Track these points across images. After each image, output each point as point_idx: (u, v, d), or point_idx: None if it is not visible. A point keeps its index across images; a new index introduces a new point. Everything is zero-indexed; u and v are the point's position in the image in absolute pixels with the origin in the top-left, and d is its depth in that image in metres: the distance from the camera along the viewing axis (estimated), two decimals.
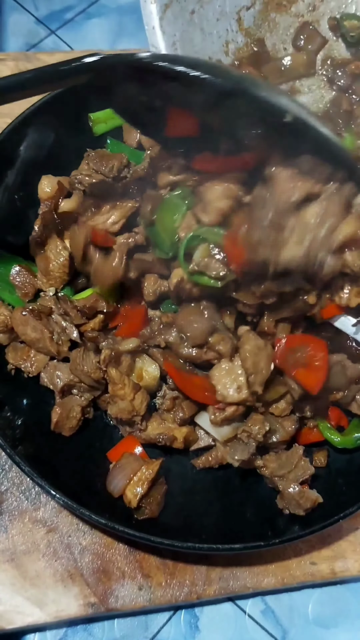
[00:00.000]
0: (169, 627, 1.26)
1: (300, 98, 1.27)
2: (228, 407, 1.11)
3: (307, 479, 1.16)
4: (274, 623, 1.28)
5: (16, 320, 1.18)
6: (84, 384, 1.17)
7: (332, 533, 1.26)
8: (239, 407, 1.12)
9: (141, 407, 1.14)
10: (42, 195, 1.28)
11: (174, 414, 1.18)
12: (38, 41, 1.84)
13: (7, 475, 1.23)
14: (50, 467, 1.12)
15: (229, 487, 1.21)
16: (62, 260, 1.22)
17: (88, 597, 1.17)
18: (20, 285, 1.23)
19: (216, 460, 1.20)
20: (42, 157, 1.34)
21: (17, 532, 1.19)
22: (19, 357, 1.20)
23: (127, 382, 1.12)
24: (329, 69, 1.28)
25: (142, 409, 1.15)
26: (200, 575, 1.20)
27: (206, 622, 1.27)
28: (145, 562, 1.20)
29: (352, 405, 1.23)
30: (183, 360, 1.15)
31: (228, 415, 1.12)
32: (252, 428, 1.13)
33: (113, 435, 1.22)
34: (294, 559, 1.24)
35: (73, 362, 1.16)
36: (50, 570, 1.17)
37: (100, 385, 1.18)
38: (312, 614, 1.30)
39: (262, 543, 1.10)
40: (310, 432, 1.22)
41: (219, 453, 1.20)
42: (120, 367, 1.15)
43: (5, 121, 1.31)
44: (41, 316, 1.18)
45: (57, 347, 1.19)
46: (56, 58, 1.61)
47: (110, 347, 1.15)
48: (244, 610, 1.28)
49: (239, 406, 1.11)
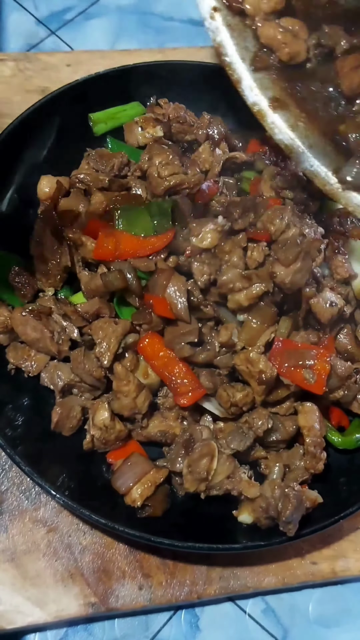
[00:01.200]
0: (170, 626, 1.26)
1: None
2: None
3: (307, 478, 1.16)
4: (275, 623, 1.28)
5: (16, 320, 1.18)
6: (85, 383, 1.17)
7: (332, 533, 1.26)
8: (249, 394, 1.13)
9: (143, 405, 1.14)
10: (42, 196, 1.28)
11: (176, 412, 1.18)
12: (38, 41, 1.84)
13: (7, 475, 1.23)
14: (50, 467, 1.12)
15: None
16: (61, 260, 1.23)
17: (88, 597, 1.17)
18: (19, 285, 1.23)
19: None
20: (42, 157, 1.35)
21: (17, 532, 1.19)
22: (20, 356, 1.20)
23: (132, 378, 1.13)
24: None
25: (144, 408, 1.15)
26: (200, 574, 1.20)
27: (207, 622, 1.27)
28: (145, 561, 1.20)
29: (352, 405, 1.23)
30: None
31: (239, 400, 1.12)
32: (255, 420, 1.13)
33: None
34: (294, 558, 1.24)
35: (74, 361, 1.17)
36: (51, 570, 1.17)
37: (101, 384, 1.18)
38: (313, 613, 1.29)
39: (262, 543, 1.10)
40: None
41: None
42: (123, 361, 1.15)
43: (5, 121, 1.31)
44: (41, 316, 1.18)
45: (58, 347, 1.19)
46: (56, 58, 1.62)
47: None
48: (244, 610, 1.28)
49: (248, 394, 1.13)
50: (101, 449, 1.17)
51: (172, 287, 1.10)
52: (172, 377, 1.13)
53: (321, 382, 1.10)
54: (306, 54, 0.97)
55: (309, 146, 0.94)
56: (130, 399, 1.13)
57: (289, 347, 1.12)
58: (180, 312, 1.10)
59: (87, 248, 1.19)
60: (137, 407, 1.14)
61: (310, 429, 1.13)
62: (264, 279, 1.09)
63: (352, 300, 1.26)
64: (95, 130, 1.39)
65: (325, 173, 0.92)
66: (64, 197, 1.28)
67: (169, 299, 1.10)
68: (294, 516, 1.05)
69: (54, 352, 1.19)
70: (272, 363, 1.10)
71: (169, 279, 1.10)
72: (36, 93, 1.53)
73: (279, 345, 1.12)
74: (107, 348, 1.13)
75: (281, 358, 1.11)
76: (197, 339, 1.13)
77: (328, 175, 0.92)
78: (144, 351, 1.15)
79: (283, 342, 1.12)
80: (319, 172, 0.93)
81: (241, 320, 1.14)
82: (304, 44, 0.97)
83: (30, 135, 1.32)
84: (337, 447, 1.21)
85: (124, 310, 1.20)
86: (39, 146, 1.34)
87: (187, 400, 1.12)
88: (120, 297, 1.19)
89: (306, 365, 1.10)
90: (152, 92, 1.42)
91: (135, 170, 1.29)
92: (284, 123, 0.95)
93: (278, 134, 0.94)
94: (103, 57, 1.62)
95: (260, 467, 1.20)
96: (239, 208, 1.13)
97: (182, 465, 1.10)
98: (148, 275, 1.15)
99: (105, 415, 1.13)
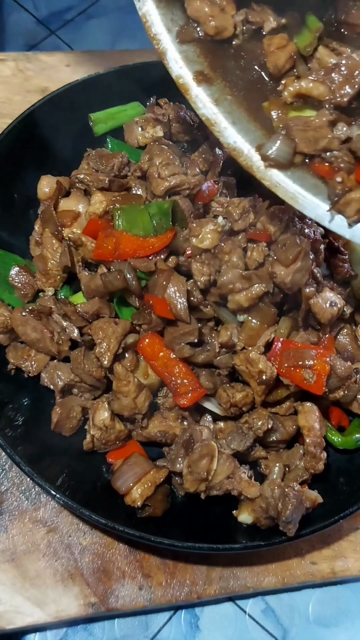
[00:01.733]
0: (169, 626, 1.26)
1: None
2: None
3: (307, 478, 1.16)
4: (275, 623, 1.28)
5: (16, 320, 1.18)
6: (85, 383, 1.17)
7: (332, 533, 1.26)
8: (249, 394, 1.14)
9: (143, 405, 1.14)
10: (42, 196, 1.28)
11: (176, 412, 1.18)
12: (38, 41, 1.84)
13: (7, 475, 1.23)
14: (50, 467, 1.12)
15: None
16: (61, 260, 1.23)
17: (88, 597, 1.17)
18: (19, 285, 1.23)
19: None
20: (42, 157, 1.34)
21: (17, 532, 1.19)
22: (20, 356, 1.20)
23: (131, 379, 1.13)
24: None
25: (144, 408, 1.15)
26: (200, 575, 1.20)
27: (206, 622, 1.27)
28: (145, 562, 1.20)
29: (352, 405, 1.23)
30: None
31: (238, 400, 1.13)
32: (254, 421, 1.14)
33: None
34: (294, 558, 1.24)
35: (74, 362, 1.17)
36: (51, 570, 1.17)
37: (101, 384, 1.18)
38: (313, 613, 1.30)
39: (262, 543, 1.10)
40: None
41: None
42: (123, 361, 1.15)
43: (5, 121, 1.31)
44: (41, 316, 1.18)
45: (58, 347, 1.19)
46: (56, 58, 1.62)
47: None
48: (244, 610, 1.28)
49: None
50: (101, 449, 1.17)
51: (172, 288, 1.10)
52: (172, 377, 1.13)
53: (321, 382, 1.10)
54: (233, 30, 0.98)
55: (232, 122, 0.95)
56: (130, 399, 1.13)
57: (289, 347, 1.12)
58: (180, 312, 1.10)
59: (87, 248, 1.19)
60: (137, 407, 1.14)
61: (310, 429, 1.13)
62: (264, 279, 1.09)
63: (351, 300, 1.26)
64: (95, 130, 1.39)
65: (248, 150, 0.93)
66: (64, 197, 1.28)
67: (168, 299, 1.10)
68: (294, 516, 1.06)
69: (54, 352, 1.19)
70: (271, 363, 1.11)
71: (169, 279, 1.10)
72: (36, 93, 1.53)
73: (278, 346, 1.12)
74: (107, 348, 1.13)
75: (281, 358, 1.11)
76: (197, 339, 1.13)
77: (251, 152, 0.92)
78: (143, 351, 1.15)
79: (283, 343, 1.13)
80: (242, 149, 0.93)
81: (241, 320, 1.14)
82: (231, 19, 0.97)
83: (30, 135, 1.32)
84: (337, 447, 1.21)
85: (124, 310, 1.20)
86: (39, 146, 1.34)
87: (187, 400, 1.12)
88: (120, 297, 1.19)
89: (306, 366, 1.10)
90: (152, 92, 1.42)
91: (135, 170, 1.29)
92: (208, 97, 0.95)
93: (202, 108, 0.94)
94: (103, 57, 1.62)
95: (260, 467, 1.20)
96: (239, 208, 1.13)
97: (182, 465, 1.10)
98: (148, 275, 1.15)
99: (105, 415, 1.13)
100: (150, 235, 1.15)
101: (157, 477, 1.12)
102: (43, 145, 1.34)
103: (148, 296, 1.14)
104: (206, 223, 1.14)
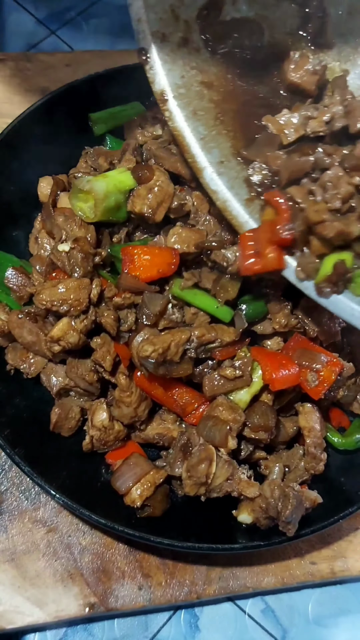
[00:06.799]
0: (169, 626, 1.26)
1: None
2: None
3: (307, 479, 1.16)
4: (274, 623, 1.28)
5: (12, 323, 1.17)
6: (79, 387, 1.17)
7: (332, 533, 1.26)
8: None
9: (143, 413, 1.15)
10: (42, 197, 1.28)
11: (175, 415, 1.18)
12: (38, 41, 1.84)
13: (7, 475, 1.23)
14: (50, 467, 1.12)
15: None
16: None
17: (88, 597, 1.17)
18: (15, 288, 1.22)
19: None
20: (42, 157, 1.34)
21: (17, 532, 1.19)
22: (18, 358, 1.20)
23: (134, 389, 1.13)
24: None
25: (144, 415, 1.15)
26: (200, 575, 1.20)
27: (206, 622, 1.27)
28: (145, 562, 1.20)
29: (353, 406, 1.23)
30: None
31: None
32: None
33: None
34: (293, 558, 1.24)
35: (69, 365, 1.16)
36: (50, 570, 1.17)
37: (95, 389, 1.17)
38: (312, 613, 1.30)
39: (262, 543, 1.10)
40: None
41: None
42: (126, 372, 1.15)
43: (5, 121, 1.31)
44: (37, 319, 1.17)
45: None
46: (56, 58, 1.62)
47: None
48: (243, 610, 1.28)
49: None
50: (100, 449, 1.17)
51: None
52: (174, 400, 1.13)
53: (321, 388, 1.10)
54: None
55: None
56: (131, 408, 1.13)
57: (305, 345, 1.13)
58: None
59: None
60: (137, 415, 1.14)
61: (311, 429, 1.14)
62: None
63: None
64: (95, 130, 1.39)
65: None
66: (62, 191, 1.27)
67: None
68: (294, 516, 1.06)
69: (49, 355, 1.18)
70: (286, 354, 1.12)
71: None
72: (36, 93, 1.53)
73: (297, 340, 1.14)
74: (107, 350, 1.12)
75: (293, 353, 1.12)
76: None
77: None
78: (141, 384, 1.14)
79: (301, 340, 1.13)
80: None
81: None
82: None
83: (30, 135, 1.32)
84: (337, 447, 1.21)
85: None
86: (39, 146, 1.34)
87: (197, 418, 1.13)
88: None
89: (313, 368, 1.10)
90: (152, 92, 1.41)
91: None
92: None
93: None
94: (103, 57, 1.62)
95: (260, 467, 1.20)
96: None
97: (181, 470, 1.10)
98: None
99: (104, 416, 1.13)
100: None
101: (156, 477, 1.12)
102: (43, 145, 1.34)
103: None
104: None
